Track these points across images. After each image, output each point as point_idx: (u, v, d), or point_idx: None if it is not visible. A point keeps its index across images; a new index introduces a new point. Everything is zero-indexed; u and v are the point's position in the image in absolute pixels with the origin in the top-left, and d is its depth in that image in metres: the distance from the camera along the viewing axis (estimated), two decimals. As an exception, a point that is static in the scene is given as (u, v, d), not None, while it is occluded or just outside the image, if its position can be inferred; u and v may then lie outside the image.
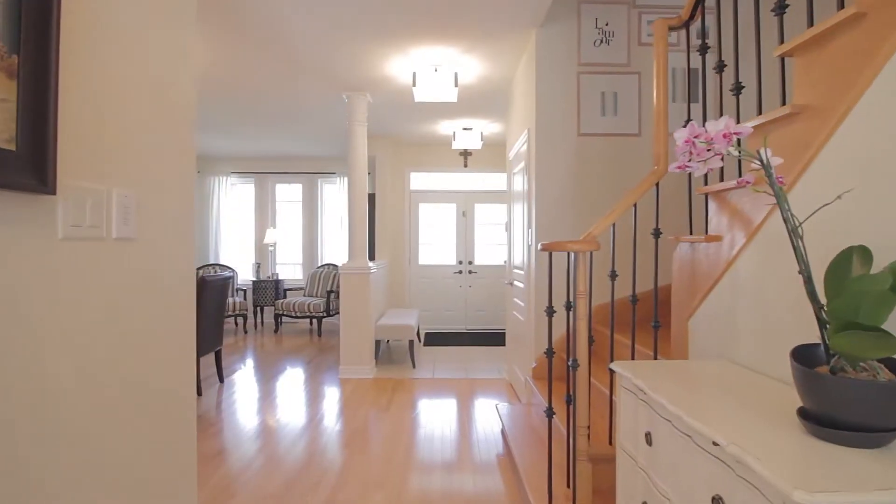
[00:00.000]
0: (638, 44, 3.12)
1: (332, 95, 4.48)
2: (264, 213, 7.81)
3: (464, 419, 3.44)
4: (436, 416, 3.48)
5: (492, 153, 6.78)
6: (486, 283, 6.84)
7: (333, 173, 7.64)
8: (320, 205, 7.81)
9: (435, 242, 6.89)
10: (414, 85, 3.62)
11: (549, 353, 1.92)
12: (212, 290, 4.00)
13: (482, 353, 5.48)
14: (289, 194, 7.91)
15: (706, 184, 1.87)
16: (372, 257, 6.56)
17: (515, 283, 3.92)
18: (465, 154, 6.76)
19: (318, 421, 3.39)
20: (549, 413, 1.91)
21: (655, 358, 1.93)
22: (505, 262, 6.80)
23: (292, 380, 4.44)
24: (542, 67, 3.11)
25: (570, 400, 1.92)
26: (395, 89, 4.33)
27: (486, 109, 5.00)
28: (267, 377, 4.54)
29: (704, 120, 1.95)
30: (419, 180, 6.90)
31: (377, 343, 4.82)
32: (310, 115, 5.19)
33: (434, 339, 6.22)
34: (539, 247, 1.94)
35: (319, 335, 6.57)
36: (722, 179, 1.76)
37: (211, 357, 4.98)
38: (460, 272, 6.83)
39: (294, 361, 5.19)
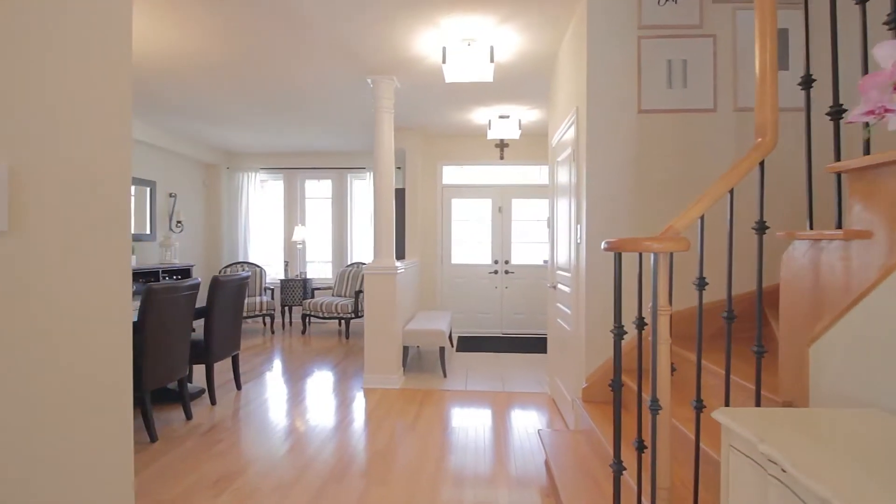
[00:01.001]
0: (713, 0, 2.58)
1: (356, 80, 4.12)
2: (293, 210, 7.60)
3: (500, 443, 3.00)
4: (468, 438, 3.06)
5: (531, 143, 6.28)
6: (524, 284, 6.36)
7: (363, 168, 7.33)
8: (350, 201, 7.53)
9: (468, 240, 6.46)
10: (444, 62, 3.20)
11: (617, 387, 1.46)
12: (226, 291, 3.71)
13: (520, 361, 5.02)
14: (318, 190, 7.67)
15: (839, 158, 1.36)
16: (401, 256, 6.20)
17: (560, 286, 3.45)
18: (502, 145, 6.30)
19: (337, 440, 3.03)
20: (618, 469, 1.45)
21: (758, 397, 1.44)
22: (545, 261, 6.31)
23: (314, 387, 4.12)
24: (594, 32, 2.62)
25: (641, 447, 1.46)
26: (423, 71, 3.93)
27: (524, 93, 4.53)
28: (288, 384, 4.24)
29: (836, 89, 1.44)
30: (452, 174, 6.48)
31: (405, 349, 4.45)
32: (335, 105, 4.86)
33: (467, 344, 5.79)
34: (603, 246, 1.48)
35: (347, 337, 6.27)
36: (868, 152, 1.26)
37: (228, 363, 4.75)
38: (496, 272, 6.37)
39: (319, 365, 4.88)
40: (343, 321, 6.24)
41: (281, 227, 7.67)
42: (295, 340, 6.18)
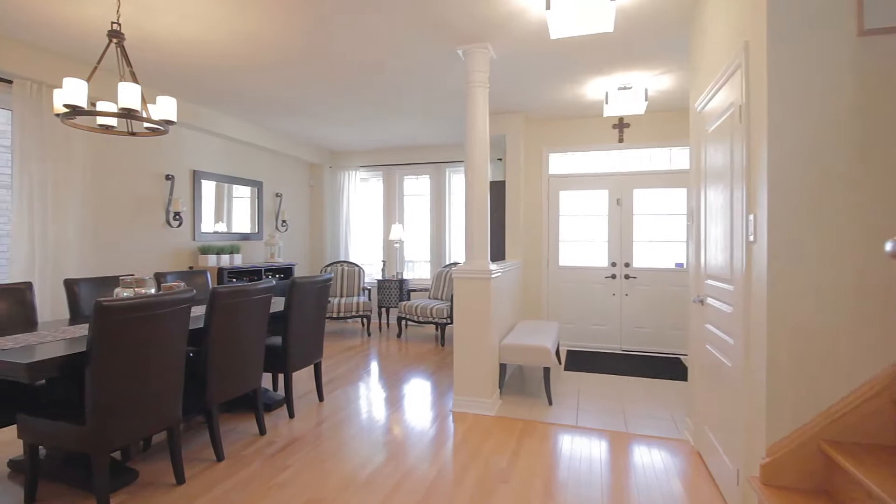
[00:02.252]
0: None
1: (446, 54, 3.56)
2: (391, 208, 7.34)
3: (625, 514, 2.21)
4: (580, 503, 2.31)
5: (658, 120, 5.21)
6: (649, 291, 5.30)
7: (462, 161, 6.80)
8: (448, 197, 7.06)
9: (580, 239, 5.58)
10: (548, 7, 2.47)
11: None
12: (306, 294, 3.38)
13: (644, 388, 4.06)
14: (416, 187, 7.32)
15: None
16: (501, 257, 5.53)
17: (711, 301, 2.52)
18: (621, 125, 5.32)
19: (410, 487, 2.48)
20: None
21: None
22: (678, 265, 5.22)
23: (400, 404, 3.64)
24: (783, -81, 1.71)
25: None
26: (523, 32, 3.23)
27: (653, 51, 3.59)
28: (374, 397, 3.82)
29: None
30: (559, 162, 5.65)
31: (502, 367, 3.78)
32: (426, 88, 4.35)
33: (578, 362, 4.94)
34: (889, 247, 0.68)
35: (443, 344, 5.78)
36: None
37: (309, 371, 4.49)
38: (613, 276, 5.41)
39: (410, 374, 4.43)
40: (439, 326, 5.75)
41: (380, 226, 7.47)
42: (390, 344, 5.85)
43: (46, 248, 3.75)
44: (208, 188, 5.53)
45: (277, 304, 3.70)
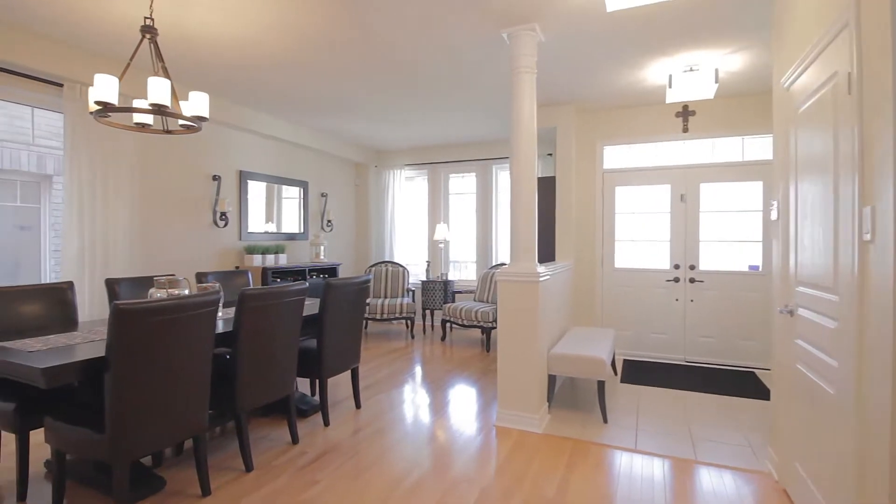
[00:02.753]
0: None
1: (490, 39, 3.30)
2: (436, 207, 7.15)
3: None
4: (641, 543, 1.98)
5: (728, 107, 4.68)
6: (718, 297, 4.78)
7: (508, 158, 6.49)
8: (495, 195, 6.78)
9: (638, 238, 5.13)
10: (605, -28, 2.16)
11: None
12: (341, 296, 3.23)
13: (714, 405, 3.61)
14: (462, 186, 7.09)
15: None
16: (550, 258, 5.19)
17: (804, 312, 2.11)
18: (685, 113, 4.83)
19: (449, 508, 2.24)
20: None
21: None
22: (752, 268, 4.66)
23: (440, 415, 3.42)
24: None
25: None
26: (575, 9, 2.90)
27: (726, 23, 3.15)
28: (414, 403, 3.62)
29: None
30: (615, 156, 5.22)
31: (551, 378, 3.47)
32: (470, 79, 4.11)
33: (637, 373, 4.52)
34: None
35: (488, 349, 5.50)
36: None
37: (346, 377, 4.34)
38: (676, 280, 4.92)
39: (453, 382, 4.20)
40: (484, 330, 5.49)
41: (424, 226, 7.30)
42: (433, 348, 5.65)
43: (95, 248, 3.83)
44: (254, 188, 5.56)
45: (314, 306, 3.58)
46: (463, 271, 7.14)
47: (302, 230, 6.33)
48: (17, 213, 5.44)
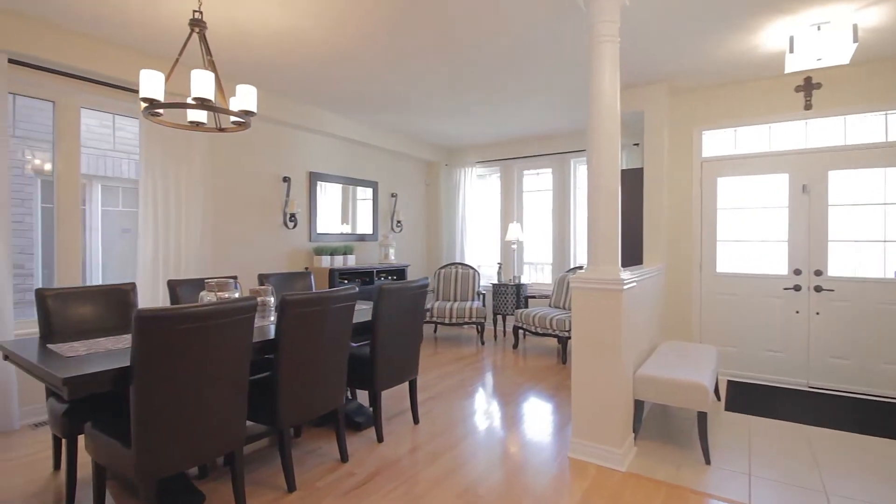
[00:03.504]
0: None
1: (563, 7, 2.86)
2: (509, 206, 6.74)
3: None
4: None
5: (867, 76, 3.79)
6: (851, 309, 3.89)
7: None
8: (573, 191, 6.22)
9: (747, 238, 4.35)
10: None
11: None
12: (396, 302, 2.96)
13: (852, 446, 2.86)
14: (536, 183, 6.61)
15: None
16: (636, 261, 4.58)
17: None
18: (808, 86, 4.01)
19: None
20: None
21: None
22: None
23: (507, 437, 3.03)
24: None
25: None
26: (671, -40, 2.39)
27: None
28: (478, 421, 3.27)
29: None
30: (716, 142, 4.48)
31: (637, 404, 2.94)
32: (543, 59, 3.67)
33: (746, 399, 3.80)
34: None
35: (564, 360, 4.99)
36: None
37: (402, 390, 4.03)
38: (797, 288, 4.09)
39: (524, 396, 3.79)
40: (560, 339, 4.99)
41: (496, 226, 6.92)
42: (504, 356, 5.25)
43: (168, 250, 3.92)
44: (324, 189, 5.53)
45: (368, 311, 3.35)
46: (537, 274, 6.65)
47: (371, 231, 6.24)
48: (121, 217, 5.87)
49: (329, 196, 5.62)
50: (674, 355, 3.33)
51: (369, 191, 6.21)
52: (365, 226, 6.17)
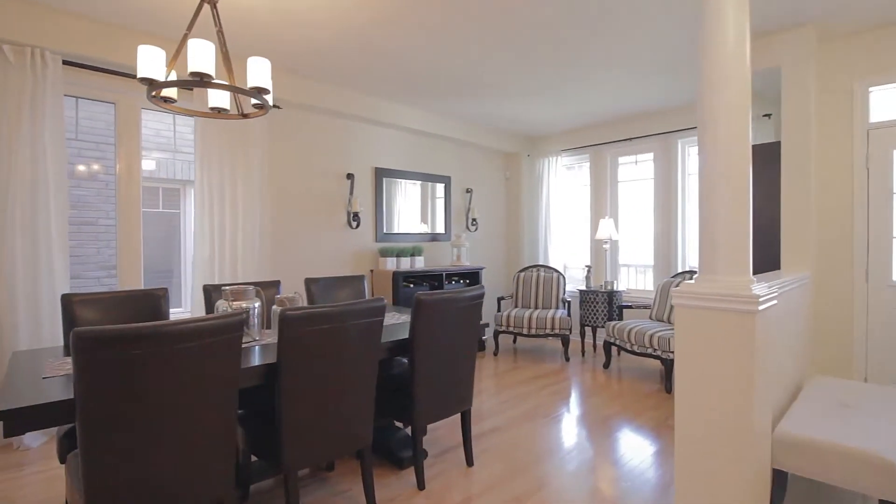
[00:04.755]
0: None
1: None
2: (601, 199, 5.84)
3: None
4: None
5: None
6: None
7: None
8: (681, 179, 5.17)
9: (942, 234, 3.10)
10: None
11: None
12: (437, 318, 2.38)
13: None
14: (634, 171, 5.64)
15: None
16: (769, 266, 3.52)
17: None
18: None
19: None
20: None
21: None
22: None
23: (587, 495, 2.31)
24: None
25: None
26: None
27: None
28: (548, 471, 2.58)
29: None
30: (889, 102, 3.27)
31: (777, 475, 2.04)
32: (636, 14, 2.86)
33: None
34: None
35: (669, 389, 4.04)
36: None
37: (453, 423, 3.37)
38: None
39: (616, 434, 3.02)
40: (664, 361, 4.06)
41: (585, 223, 6.04)
42: (594, 377, 4.44)
43: (224, 251, 3.75)
44: (391, 186, 5.14)
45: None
46: (635, 279, 5.67)
47: (443, 230, 5.74)
48: (173, 218, 5.94)
49: (396, 193, 5.21)
50: (831, 403, 2.35)
51: (441, 187, 5.71)
52: (437, 225, 5.69)
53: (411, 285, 4.81)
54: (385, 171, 5.04)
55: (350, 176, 4.72)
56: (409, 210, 5.34)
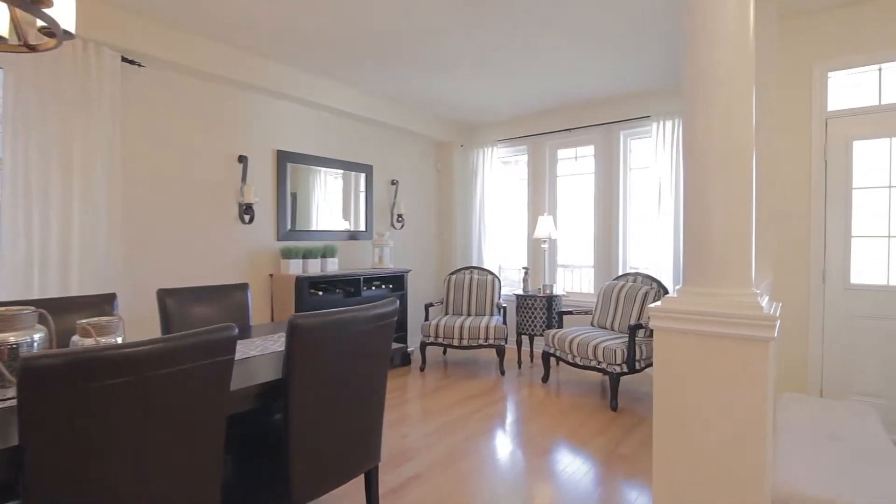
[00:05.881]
0: None
1: None
2: (539, 195, 5.37)
3: None
4: None
5: None
6: None
7: (647, 118, 4.48)
8: (622, 175, 4.80)
9: (900, 233, 2.86)
10: None
11: None
12: (325, 346, 1.66)
13: None
14: (574, 166, 5.23)
15: None
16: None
17: None
18: None
19: None
20: None
21: None
22: None
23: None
24: None
25: None
26: None
27: None
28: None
29: None
30: (850, 88, 3.00)
31: (779, 546, 1.54)
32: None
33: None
34: None
35: (615, 407, 3.58)
36: None
37: (356, 484, 2.59)
38: None
39: (556, 470, 2.45)
40: (610, 375, 3.59)
41: (523, 221, 5.56)
42: (531, 394, 3.91)
43: (50, 254, 2.76)
44: (299, 174, 4.31)
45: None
46: (574, 281, 5.26)
47: (365, 227, 4.99)
48: None
49: (306, 182, 4.40)
50: (818, 435, 1.91)
51: (362, 177, 4.96)
52: (359, 221, 4.93)
53: (320, 293, 4.03)
54: (290, 154, 4.21)
55: (242, 159, 3.84)
56: (322, 203, 4.54)
